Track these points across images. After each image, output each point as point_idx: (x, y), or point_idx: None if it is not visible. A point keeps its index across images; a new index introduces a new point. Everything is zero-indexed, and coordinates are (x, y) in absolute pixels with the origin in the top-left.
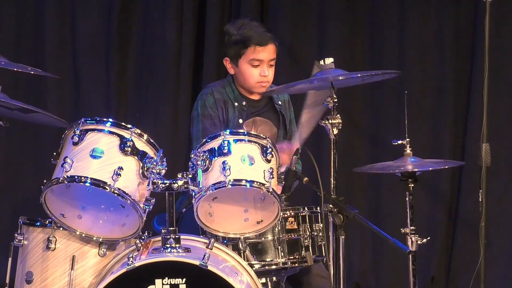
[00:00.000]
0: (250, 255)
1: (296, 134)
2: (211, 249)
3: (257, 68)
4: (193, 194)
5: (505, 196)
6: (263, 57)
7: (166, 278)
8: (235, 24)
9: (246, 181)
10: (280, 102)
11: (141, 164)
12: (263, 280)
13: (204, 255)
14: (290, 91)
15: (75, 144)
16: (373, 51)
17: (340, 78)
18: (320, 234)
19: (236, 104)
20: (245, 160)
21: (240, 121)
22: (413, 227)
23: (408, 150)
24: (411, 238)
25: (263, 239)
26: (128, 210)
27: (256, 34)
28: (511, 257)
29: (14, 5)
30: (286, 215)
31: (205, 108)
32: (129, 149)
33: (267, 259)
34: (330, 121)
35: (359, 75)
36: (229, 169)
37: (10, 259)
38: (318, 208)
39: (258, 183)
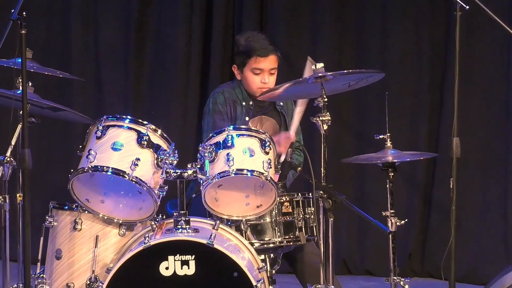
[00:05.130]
0: (250, 235)
1: (291, 126)
2: (217, 229)
3: (259, 76)
4: (201, 182)
5: (473, 184)
6: (264, 67)
7: (178, 255)
8: (244, 35)
9: (247, 170)
10: (281, 103)
11: (156, 156)
12: (262, 256)
13: (211, 235)
14: (287, 98)
15: (98, 138)
16: (359, 56)
17: (329, 74)
18: (312, 216)
19: (244, 103)
20: (246, 152)
21: (247, 118)
22: (393, 211)
23: (389, 143)
24: (391, 220)
25: (262, 221)
26: (145, 196)
27: (259, 46)
28: (477, 236)
29: (44, 17)
30: (282, 200)
31: (215, 105)
32: (145, 142)
33: (266, 239)
34: (320, 118)
35: (345, 71)
36: (233, 160)
37: (42, 238)
38: (310, 194)
39: (258, 172)
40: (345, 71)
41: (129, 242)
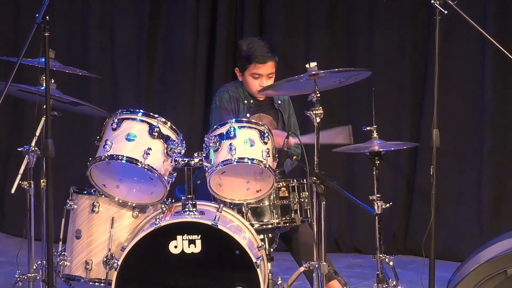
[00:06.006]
0: (251, 217)
1: (300, 134)
2: (221, 212)
3: (257, 80)
4: (206, 169)
5: (450, 171)
6: (262, 72)
7: (185, 234)
8: (246, 41)
9: (248, 159)
10: (279, 102)
11: (166, 146)
12: (261, 236)
13: (215, 217)
14: (284, 93)
15: (114, 129)
16: (348, 56)
17: (321, 72)
18: (306, 200)
19: (245, 101)
20: (247, 142)
21: (248, 115)
22: (379, 195)
23: (375, 134)
24: (377, 203)
25: (261, 204)
26: (156, 182)
27: (259, 53)
28: (455, 218)
29: (65, 21)
30: (279, 185)
31: (221, 102)
32: (156, 133)
33: (265, 220)
34: (314, 112)
35: (335, 69)
36: (235, 149)
37: (63, 219)
38: (305, 180)
39: (258, 161)
40: (336, 69)
41: (141, 223)
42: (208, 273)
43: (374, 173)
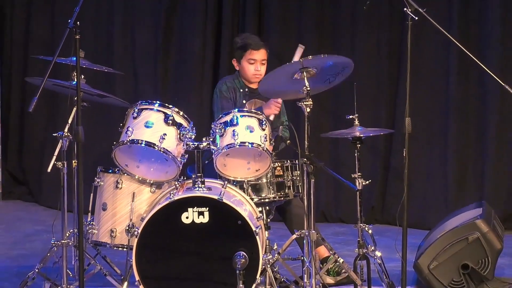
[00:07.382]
0: (251, 192)
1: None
2: (225, 188)
3: (253, 65)
4: (213, 151)
5: (420, 153)
6: (257, 57)
7: (195, 207)
8: (240, 36)
9: (249, 143)
10: None
11: (179, 131)
12: (260, 208)
13: (221, 192)
14: (282, 93)
15: (135, 118)
16: (334, 54)
17: (310, 57)
18: (298, 178)
19: (241, 90)
20: (248, 129)
21: (244, 101)
22: (359, 173)
23: (357, 122)
24: (358, 180)
25: (260, 181)
26: (170, 162)
27: (252, 41)
28: (424, 193)
29: (93, 26)
30: (275, 165)
31: (221, 93)
32: (171, 121)
33: (263, 195)
34: (304, 103)
35: (321, 55)
36: (237, 135)
37: (91, 194)
38: (297, 161)
39: (257, 144)
40: (321, 55)
41: (158, 197)
42: (214, 240)
43: (355, 155)
